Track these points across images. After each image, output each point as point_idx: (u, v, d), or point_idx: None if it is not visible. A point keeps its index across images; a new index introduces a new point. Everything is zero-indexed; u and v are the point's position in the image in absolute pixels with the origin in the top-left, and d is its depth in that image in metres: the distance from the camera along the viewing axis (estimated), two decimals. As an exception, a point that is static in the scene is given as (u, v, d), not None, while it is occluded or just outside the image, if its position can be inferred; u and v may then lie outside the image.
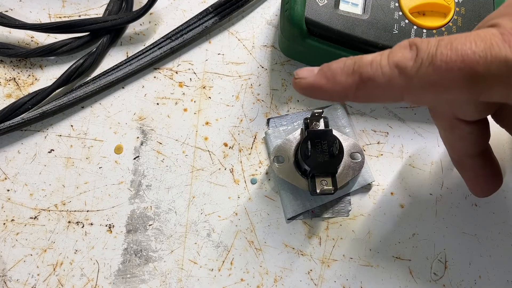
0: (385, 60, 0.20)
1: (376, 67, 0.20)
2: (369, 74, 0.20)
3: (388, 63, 0.20)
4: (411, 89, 0.20)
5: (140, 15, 0.33)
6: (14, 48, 0.33)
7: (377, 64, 0.20)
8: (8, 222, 0.30)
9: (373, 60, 0.21)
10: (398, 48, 0.20)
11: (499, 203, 0.31)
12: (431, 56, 0.19)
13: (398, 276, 0.29)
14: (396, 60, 0.20)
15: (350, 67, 0.21)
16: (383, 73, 0.20)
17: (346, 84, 0.21)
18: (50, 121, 0.32)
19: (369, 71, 0.20)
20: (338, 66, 0.22)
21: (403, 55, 0.20)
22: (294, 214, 0.30)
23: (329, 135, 0.28)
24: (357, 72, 0.21)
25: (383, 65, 0.20)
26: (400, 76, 0.20)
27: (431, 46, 0.19)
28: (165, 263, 0.29)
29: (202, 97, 0.33)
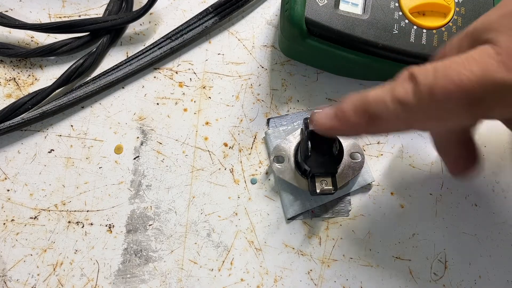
0: (388, 97, 0.21)
1: (381, 105, 0.21)
2: (376, 112, 0.22)
3: (391, 99, 0.21)
4: (417, 121, 0.21)
5: (140, 15, 0.33)
6: (14, 48, 0.33)
7: (382, 102, 0.21)
8: (8, 222, 0.30)
9: (377, 97, 0.22)
10: (399, 82, 0.21)
11: (499, 203, 0.31)
12: (429, 88, 0.20)
13: (398, 276, 0.29)
14: (398, 95, 0.21)
15: (359, 108, 0.22)
16: (388, 109, 0.21)
17: (358, 124, 0.23)
18: (50, 121, 0.32)
19: (376, 109, 0.22)
20: (349, 108, 0.23)
21: (404, 89, 0.21)
22: (294, 214, 0.30)
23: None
24: (366, 111, 0.22)
25: (387, 101, 0.21)
26: (403, 111, 0.21)
27: (428, 77, 0.20)
28: (165, 263, 0.29)
29: (202, 97, 0.33)
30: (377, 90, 0.22)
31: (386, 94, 0.21)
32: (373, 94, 0.22)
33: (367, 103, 0.22)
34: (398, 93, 0.21)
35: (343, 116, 0.23)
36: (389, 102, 0.21)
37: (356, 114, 0.23)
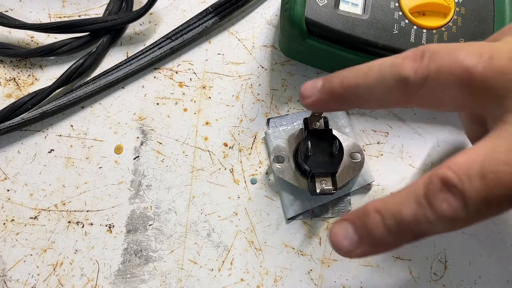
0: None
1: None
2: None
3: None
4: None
5: (140, 15, 0.33)
6: (14, 48, 0.33)
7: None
8: (8, 222, 0.30)
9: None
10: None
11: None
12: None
13: (398, 276, 0.29)
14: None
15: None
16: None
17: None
18: (50, 121, 0.32)
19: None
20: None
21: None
22: (294, 214, 0.30)
23: (329, 135, 0.28)
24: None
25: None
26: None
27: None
28: (165, 263, 0.29)
29: (202, 97, 0.33)
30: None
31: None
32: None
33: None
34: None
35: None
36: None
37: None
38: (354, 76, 0.23)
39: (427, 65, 0.20)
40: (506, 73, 0.19)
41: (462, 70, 0.19)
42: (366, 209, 0.21)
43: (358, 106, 0.24)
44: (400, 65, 0.21)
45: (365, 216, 0.21)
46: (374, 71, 0.22)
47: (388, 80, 0.21)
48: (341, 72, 0.23)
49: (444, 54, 0.20)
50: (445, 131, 0.32)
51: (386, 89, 0.22)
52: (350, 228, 0.21)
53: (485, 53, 0.19)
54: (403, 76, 0.21)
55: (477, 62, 0.19)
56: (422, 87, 0.21)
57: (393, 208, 0.20)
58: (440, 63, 0.20)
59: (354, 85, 0.23)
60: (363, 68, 0.23)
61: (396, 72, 0.21)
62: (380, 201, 0.21)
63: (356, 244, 0.21)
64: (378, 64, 0.22)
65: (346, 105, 0.24)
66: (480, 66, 0.19)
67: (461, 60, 0.19)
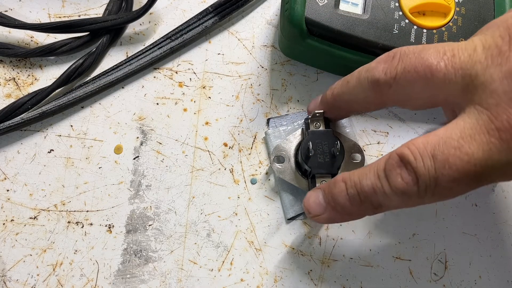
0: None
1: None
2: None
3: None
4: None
5: (140, 15, 0.33)
6: (14, 48, 0.33)
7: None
8: (7, 222, 0.30)
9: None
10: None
11: (500, 203, 0.31)
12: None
13: (398, 276, 0.29)
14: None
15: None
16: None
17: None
18: (49, 121, 0.32)
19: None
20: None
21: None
22: (294, 214, 0.30)
23: (330, 136, 0.28)
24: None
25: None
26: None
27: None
28: (165, 263, 0.29)
29: (202, 97, 0.33)
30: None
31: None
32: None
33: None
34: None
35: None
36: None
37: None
38: (340, 85, 0.26)
39: (395, 66, 0.22)
40: (465, 69, 0.20)
41: (425, 68, 0.21)
42: (335, 179, 0.24)
43: (346, 111, 0.27)
44: (373, 68, 0.23)
45: (333, 185, 0.24)
46: (354, 77, 0.25)
47: (364, 83, 0.24)
48: (332, 85, 0.27)
49: (411, 54, 0.22)
50: (445, 131, 0.32)
51: (363, 92, 0.24)
52: (320, 194, 0.24)
53: (448, 52, 0.21)
54: (375, 78, 0.23)
55: (440, 60, 0.21)
56: (392, 86, 0.22)
57: (355, 179, 0.23)
58: (407, 63, 0.22)
59: (340, 93, 0.26)
60: (346, 77, 0.25)
61: (370, 75, 0.23)
62: (348, 173, 0.23)
63: (323, 209, 0.24)
64: (358, 71, 0.25)
65: (339, 112, 0.28)
66: (442, 64, 0.21)
67: (426, 59, 0.21)
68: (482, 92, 0.20)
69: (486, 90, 0.20)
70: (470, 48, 0.21)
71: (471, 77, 0.20)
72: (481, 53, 0.20)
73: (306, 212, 0.25)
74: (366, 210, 0.23)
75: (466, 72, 0.20)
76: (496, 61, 0.20)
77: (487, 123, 0.19)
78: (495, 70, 0.20)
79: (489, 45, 0.20)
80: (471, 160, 0.19)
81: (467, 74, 0.20)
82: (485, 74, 0.20)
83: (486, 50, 0.20)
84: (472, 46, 0.21)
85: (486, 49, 0.20)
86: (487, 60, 0.20)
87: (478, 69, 0.20)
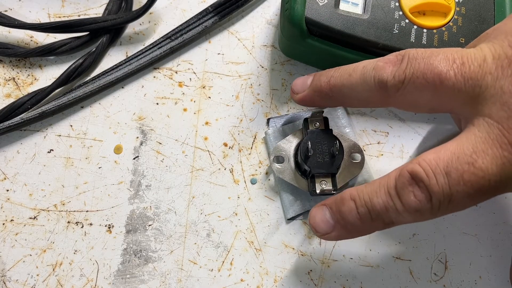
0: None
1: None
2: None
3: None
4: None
5: (139, 14, 0.33)
6: (14, 47, 0.33)
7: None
8: (7, 222, 0.30)
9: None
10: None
11: (500, 203, 0.31)
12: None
13: (398, 276, 0.29)
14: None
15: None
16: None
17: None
18: (49, 121, 0.32)
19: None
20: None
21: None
22: (294, 215, 0.30)
23: (329, 135, 0.28)
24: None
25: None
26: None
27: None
28: (164, 264, 0.29)
29: (202, 97, 0.33)
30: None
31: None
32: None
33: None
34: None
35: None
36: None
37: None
38: (340, 76, 0.25)
39: (404, 70, 0.22)
40: (475, 79, 0.20)
41: (434, 75, 0.21)
42: (342, 196, 0.23)
43: (342, 103, 0.27)
44: (381, 68, 0.23)
45: (341, 203, 0.23)
46: (358, 72, 0.24)
47: (369, 82, 0.23)
48: (329, 71, 0.25)
49: (420, 59, 0.22)
50: (445, 131, 0.32)
51: (367, 90, 0.23)
52: (327, 212, 0.24)
53: (457, 59, 0.21)
54: (383, 79, 0.22)
55: (449, 68, 0.21)
56: (399, 90, 0.22)
57: (365, 197, 0.22)
58: (416, 68, 0.21)
59: (339, 84, 0.25)
60: (348, 69, 0.24)
61: (377, 75, 0.23)
62: (356, 189, 0.23)
63: (332, 228, 0.23)
64: (362, 66, 0.24)
65: (332, 102, 0.26)
66: (452, 72, 0.20)
67: (435, 66, 0.21)
68: (493, 105, 0.20)
69: (497, 102, 0.19)
70: (480, 58, 0.20)
71: (481, 88, 0.20)
72: (491, 64, 0.20)
73: (313, 231, 0.24)
74: (376, 227, 0.22)
75: (476, 83, 0.20)
76: (506, 73, 0.19)
77: (499, 137, 0.19)
78: (506, 82, 0.19)
79: (498, 55, 0.20)
80: (486, 175, 0.19)
81: (477, 85, 0.20)
82: (496, 86, 0.20)
83: (496, 60, 0.20)
84: (481, 55, 0.21)
85: (496, 59, 0.20)
86: (497, 71, 0.20)
87: (488, 80, 0.20)
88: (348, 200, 0.23)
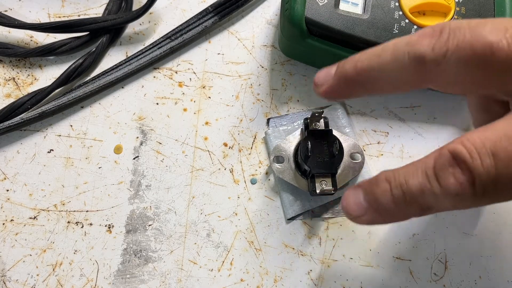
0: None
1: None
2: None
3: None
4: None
5: (139, 14, 0.33)
6: (14, 47, 0.33)
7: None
8: (7, 222, 0.30)
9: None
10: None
11: (500, 203, 0.31)
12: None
13: (398, 276, 0.29)
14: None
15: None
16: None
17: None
18: (49, 121, 0.32)
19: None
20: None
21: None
22: (294, 215, 0.30)
23: (329, 135, 0.28)
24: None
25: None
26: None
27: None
28: (164, 264, 0.29)
29: (202, 97, 0.33)
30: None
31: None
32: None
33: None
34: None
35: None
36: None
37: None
38: (367, 58, 0.22)
39: (446, 41, 0.19)
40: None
41: (484, 46, 0.18)
42: (377, 178, 0.21)
43: (373, 90, 0.23)
44: (416, 42, 0.20)
45: (375, 184, 0.21)
46: (388, 51, 0.21)
47: (402, 59, 0.20)
48: (354, 56, 0.22)
49: (465, 29, 0.19)
50: (446, 131, 0.32)
51: (401, 69, 0.21)
52: (360, 194, 0.21)
53: (510, 29, 0.18)
54: (419, 54, 0.20)
55: (502, 38, 0.18)
56: (440, 65, 0.19)
57: (401, 178, 0.20)
58: (461, 39, 0.19)
59: (367, 67, 0.22)
60: (376, 50, 0.22)
61: (412, 50, 0.20)
62: (391, 171, 0.21)
63: (364, 210, 0.21)
64: (393, 44, 0.21)
65: (361, 90, 0.23)
66: (505, 42, 0.18)
67: (484, 36, 0.18)
68: None
69: None
70: None
71: None
72: None
73: (345, 213, 0.22)
74: (412, 212, 0.20)
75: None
76: None
77: None
78: None
79: None
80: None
81: None
82: None
83: None
84: None
85: None
86: None
87: None
88: (382, 181, 0.21)
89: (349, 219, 0.22)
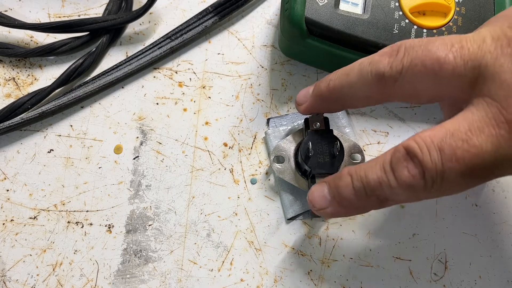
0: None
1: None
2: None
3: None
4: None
5: (139, 14, 0.33)
6: (14, 47, 0.33)
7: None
8: (7, 222, 0.30)
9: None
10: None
11: (500, 203, 0.31)
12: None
13: (398, 276, 0.29)
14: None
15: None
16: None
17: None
18: (49, 121, 0.32)
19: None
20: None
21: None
22: (294, 214, 0.30)
23: (330, 136, 0.28)
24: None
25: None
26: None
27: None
28: (164, 263, 0.29)
29: (202, 97, 0.33)
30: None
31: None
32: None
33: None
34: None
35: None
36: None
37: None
38: (338, 77, 0.25)
39: (401, 58, 0.21)
40: (475, 60, 0.20)
41: (433, 61, 0.21)
42: (341, 173, 0.23)
43: (343, 105, 0.26)
44: (377, 61, 0.22)
45: (338, 179, 0.23)
46: (355, 70, 0.23)
47: (366, 77, 0.23)
48: (328, 76, 0.25)
49: (418, 47, 0.21)
50: (445, 131, 0.32)
51: (366, 86, 0.23)
52: (325, 188, 0.24)
53: (456, 43, 0.20)
54: (380, 72, 0.22)
55: (448, 52, 0.20)
56: (398, 81, 0.22)
57: (361, 172, 0.22)
58: (414, 56, 0.21)
59: (339, 86, 0.24)
60: (345, 69, 0.24)
61: (374, 69, 0.22)
62: (354, 167, 0.23)
63: (328, 203, 0.24)
64: (359, 63, 0.24)
65: (336, 106, 0.26)
66: (451, 56, 0.20)
67: (434, 52, 0.21)
68: (492, 83, 0.19)
69: (496, 81, 0.19)
70: (479, 39, 0.20)
71: (480, 68, 0.20)
72: (490, 44, 0.20)
73: (310, 206, 0.25)
74: (371, 204, 0.22)
75: (475, 64, 0.20)
76: (506, 51, 0.19)
77: (497, 115, 0.19)
78: (505, 60, 0.19)
79: (498, 36, 0.20)
80: (480, 153, 0.19)
81: (476, 65, 0.20)
82: (495, 65, 0.19)
83: (495, 40, 0.20)
84: (480, 37, 0.20)
85: (496, 39, 0.20)
86: (496, 50, 0.19)
87: (488, 59, 0.19)
88: (345, 176, 0.23)
89: (314, 211, 0.25)
